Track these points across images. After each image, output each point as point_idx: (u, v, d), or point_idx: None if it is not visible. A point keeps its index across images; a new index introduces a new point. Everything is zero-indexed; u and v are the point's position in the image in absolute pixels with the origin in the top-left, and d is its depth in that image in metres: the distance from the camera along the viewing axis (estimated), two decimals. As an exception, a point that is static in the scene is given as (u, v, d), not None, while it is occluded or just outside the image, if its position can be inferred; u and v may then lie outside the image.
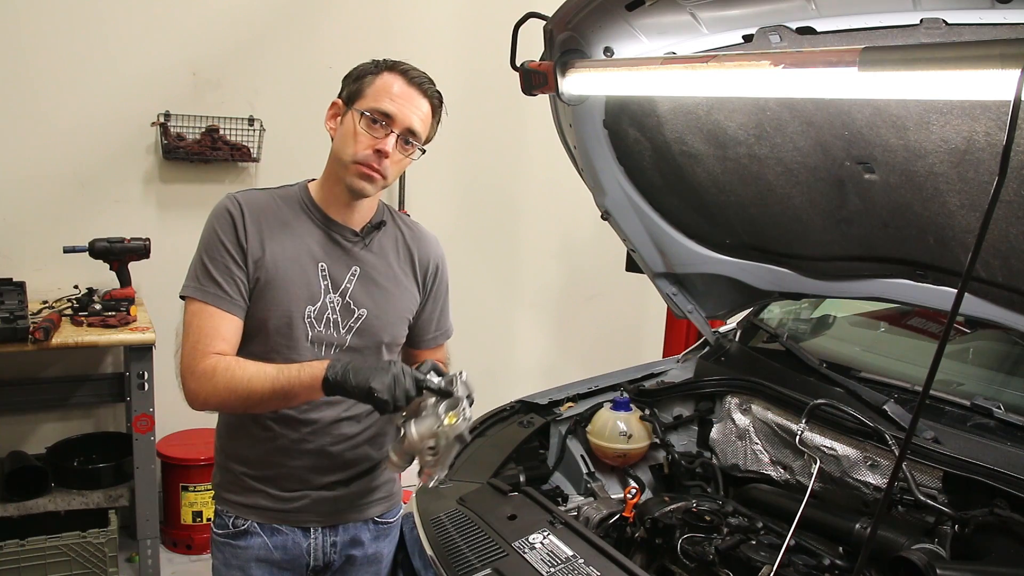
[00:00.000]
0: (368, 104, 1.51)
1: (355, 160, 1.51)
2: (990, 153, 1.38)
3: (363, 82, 1.53)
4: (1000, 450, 1.62)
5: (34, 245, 3.17)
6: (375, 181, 1.53)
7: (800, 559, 1.65)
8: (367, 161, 1.51)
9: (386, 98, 1.51)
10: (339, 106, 1.57)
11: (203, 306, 1.50)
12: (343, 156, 1.53)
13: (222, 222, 1.52)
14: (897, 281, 1.87)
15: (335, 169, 1.56)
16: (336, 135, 1.56)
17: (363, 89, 1.53)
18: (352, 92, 1.54)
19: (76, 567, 2.88)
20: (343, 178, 1.54)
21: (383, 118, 1.50)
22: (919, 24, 1.23)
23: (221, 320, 1.50)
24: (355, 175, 1.52)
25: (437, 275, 1.72)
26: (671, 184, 2.04)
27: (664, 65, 1.45)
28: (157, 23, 3.26)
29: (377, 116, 1.50)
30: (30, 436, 3.29)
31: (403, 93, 1.52)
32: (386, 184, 1.56)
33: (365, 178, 1.52)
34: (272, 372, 1.44)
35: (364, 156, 1.50)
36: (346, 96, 1.55)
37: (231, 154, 3.40)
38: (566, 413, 2.16)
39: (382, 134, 1.50)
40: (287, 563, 1.63)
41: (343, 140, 1.53)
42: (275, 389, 1.43)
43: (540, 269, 4.30)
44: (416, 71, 1.55)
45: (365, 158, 1.50)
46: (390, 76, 1.53)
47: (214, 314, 1.49)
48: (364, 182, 1.53)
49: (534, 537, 1.56)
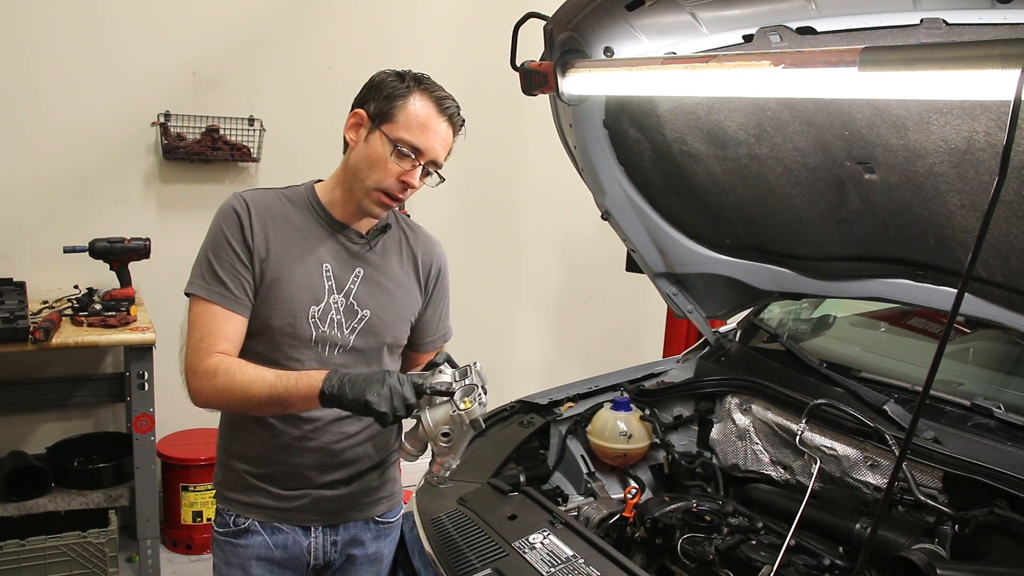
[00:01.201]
0: (399, 133, 1.49)
1: (378, 188, 1.51)
2: (990, 153, 1.38)
3: (394, 105, 1.49)
4: (1000, 450, 1.62)
5: (34, 245, 3.17)
6: (391, 208, 1.56)
7: (800, 559, 1.65)
8: (391, 191, 1.51)
9: (418, 130, 1.49)
10: (363, 119, 1.53)
11: (208, 304, 1.50)
12: (366, 181, 1.51)
13: (229, 221, 1.52)
14: (897, 281, 1.87)
15: (352, 184, 1.55)
16: (358, 151, 1.53)
17: (394, 113, 1.49)
18: (382, 112, 1.50)
19: (76, 567, 2.88)
20: (360, 200, 1.54)
21: (413, 151, 1.50)
22: (919, 24, 1.23)
23: (226, 319, 1.50)
24: (375, 202, 1.53)
25: (439, 278, 1.72)
26: (671, 184, 2.04)
27: (664, 65, 1.45)
28: (157, 23, 3.26)
29: (407, 150, 1.49)
30: (30, 436, 3.29)
31: (433, 124, 1.50)
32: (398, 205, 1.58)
33: (384, 206, 1.54)
34: (271, 378, 1.44)
35: (389, 186, 1.51)
36: (373, 113, 1.51)
37: (231, 154, 3.40)
38: (566, 413, 2.16)
39: (409, 166, 1.50)
40: (287, 562, 1.63)
41: (369, 164, 1.51)
42: (272, 396, 1.43)
43: (540, 269, 4.30)
44: (445, 95, 1.53)
45: (390, 188, 1.51)
46: (421, 100, 1.50)
47: (219, 313, 1.50)
48: (381, 209, 1.54)
49: (534, 537, 1.56)
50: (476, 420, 1.36)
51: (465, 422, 1.36)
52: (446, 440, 1.38)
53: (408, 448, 1.43)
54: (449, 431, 1.37)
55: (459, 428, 1.37)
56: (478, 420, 1.36)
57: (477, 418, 1.36)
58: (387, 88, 1.51)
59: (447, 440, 1.38)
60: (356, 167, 1.53)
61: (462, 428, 1.37)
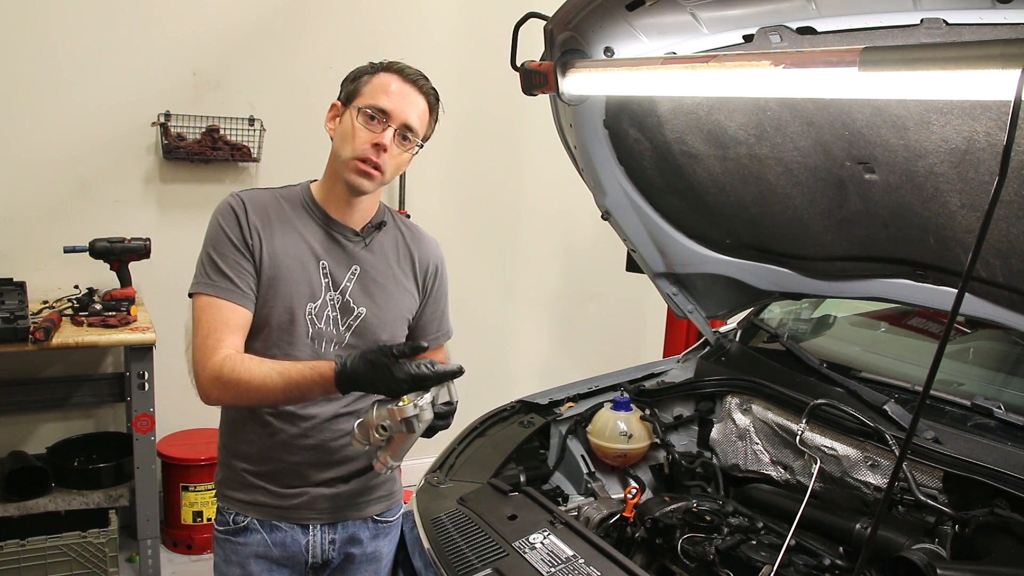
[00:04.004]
0: (365, 101, 1.54)
1: (354, 156, 1.53)
2: (990, 153, 1.38)
3: (360, 82, 1.57)
4: (1000, 450, 1.62)
5: (34, 245, 3.17)
6: (373, 178, 1.54)
7: (800, 559, 1.65)
8: (365, 155, 1.52)
9: (383, 95, 1.53)
10: (338, 107, 1.60)
11: (212, 299, 1.51)
12: (342, 153, 1.55)
13: (227, 218, 1.54)
14: (897, 281, 1.87)
15: (335, 167, 1.58)
16: (335, 135, 1.59)
17: (360, 88, 1.56)
18: (350, 92, 1.57)
19: (76, 567, 2.88)
20: (342, 175, 1.55)
21: (380, 114, 1.53)
22: (919, 24, 1.23)
23: (232, 312, 1.51)
24: (353, 171, 1.54)
25: (437, 277, 1.73)
26: (671, 184, 2.04)
27: (664, 65, 1.45)
28: (157, 23, 3.26)
29: (374, 112, 1.52)
30: (30, 436, 3.29)
31: (400, 90, 1.55)
32: (384, 181, 1.57)
33: (363, 174, 1.54)
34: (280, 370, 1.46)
35: (362, 151, 1.52)
36: (344, 97, 1.58)
37: (231, 154, 3.40)
38: (566, 413, 2.16)
39: (379, 129, 1.53)
40: (286, 560, 1.64)
41: (342, 138, 1.56)
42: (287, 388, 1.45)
43: (540, 269, 4.30)
44: (412, 69, 1.58)
45: (363, 152, 1.52)
46: (386, 75, 1.56)
47: (223, 307, 1.51)
48: (363, 178, 1.54)
49: (534, 537, 1.56)
50: (409, 420, 1.39)
51: (397, 419, 1.38)
52: (381, 434, 1.41)
53: (356, 435, 1.45)
54: (386, 426, 1.40)
55: (394, 426, 1.39)
56: (411, 421, 1.39)
57: (410, 418, 1.38)
58: (354, 73, 1.59)
59: (382, 434, 1.41)
60: (335, 149, 1.58)
61: (398, 426, 1.39)
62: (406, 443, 1.43)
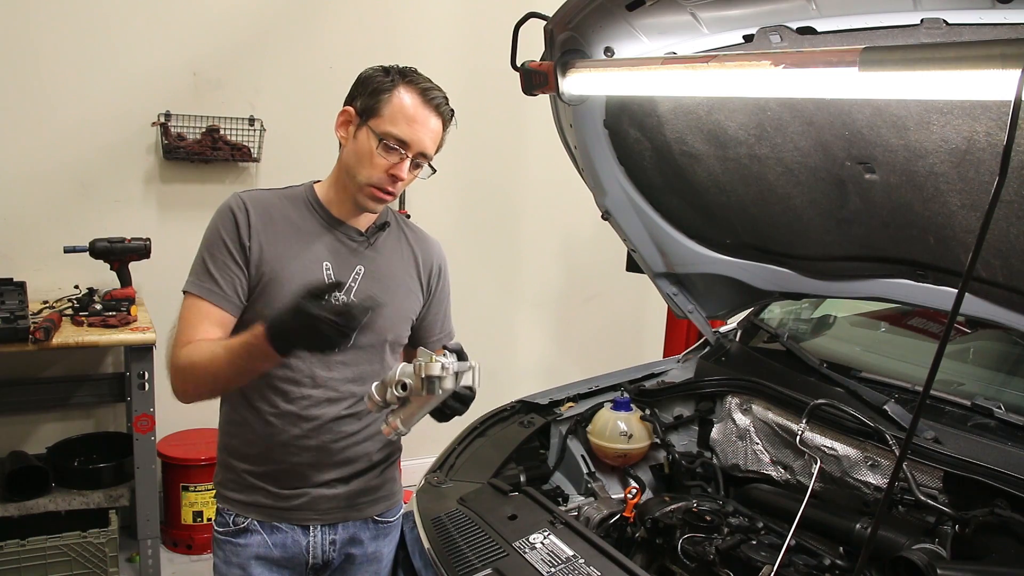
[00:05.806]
0: (384, 127, 1.50)
1: (369, 183, 1.53)
2: (991, 153, 1.38)
3: (379, 100, 1.52)
4: (1001, 450, 1.62)
5: (34, 245, 3.17)
6: (386, 202, 1.57)
7: (800, 559, 1.65)
8: (381, 185, 1.53)
9: (403, 121, 1.51)
10: (351, 115, 1.56)
11: (195, 300, 1.52)
12: (357, 176, 1.54)
13: (225, 221, 1.54)
14: (897, 281, 1.87)
15: (345, 182, 1.57)
16: (348, 148, 1.56)
17: (379, 108, 1.51)
18: (367, 108, 1.53)
19: (76, 567, 2.88)
20: (354, 195, 1.56)
21: (400, 144, 1.51)
22: (919, 24, 1.23)
23: (208, 313, 1.52)
24: (368, 196, 1.55)
25: (440, 277, 1.74)
26: (671, 184, 2.05)
27: (664, 65, 1.45)
28: (157, 23, 3.26)
29: (394, 143, 1.51)
30: (30, 436, 3.29)
31: (419, 116, 1.52)
32: (393, 200, 1.59)
33: (377, 200, 1.55)
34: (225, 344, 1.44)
35: (379, 180, 1.53)
36: (360, 108, 1.54)
37: (232, 154, 3.39)
38: (566, 413, 2.16)
39: (397, 159, 1.52)
40: (286, 561, 1.64)
41: (358, 160, 1.53)
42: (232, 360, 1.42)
43: (540, 269, 4.30)
44: (431, 86, 1.55)
45: (379, 182, 1.53)
46: (405, 92, 1.52)
47: (203, 308, 1.52)
48: (376, 203, 1.56)
49: (534, 537, 1.56)
50: (431, 380, 1.35)
51: (421, 375, 1.36)
52: (400, 392, 1.39)
53: (373, 394, 1.43)
54: (407, 384, 1.38)
55: (416, 385, 1.37)
56: (433, 381, 1.35)
57: (433, 378, 1.35)
58: (372, 83, 1.54)
59: (401, 393, 1.39)
60: (347, 164, 1.56)
61: (419, 385, 1.37)
62: (422, 409, 1.42)
